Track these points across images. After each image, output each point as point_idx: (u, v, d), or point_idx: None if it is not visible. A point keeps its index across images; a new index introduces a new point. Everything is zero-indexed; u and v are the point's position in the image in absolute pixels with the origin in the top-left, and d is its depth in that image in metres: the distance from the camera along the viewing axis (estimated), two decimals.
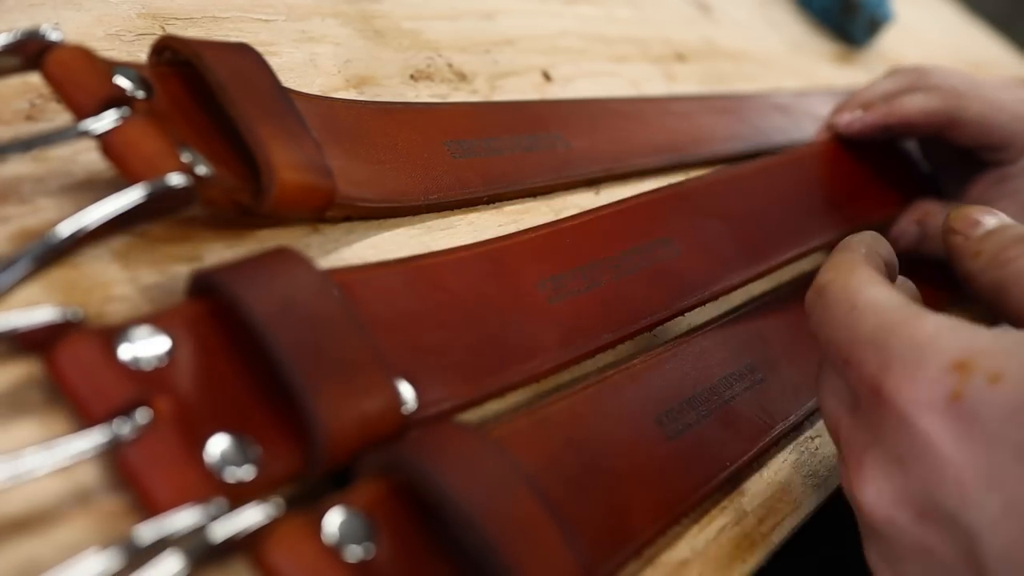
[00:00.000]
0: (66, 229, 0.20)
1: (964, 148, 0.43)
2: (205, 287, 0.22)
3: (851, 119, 0.43)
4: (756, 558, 0.28)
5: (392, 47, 0.37)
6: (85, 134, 0.22)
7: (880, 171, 0.45)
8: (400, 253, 0.29)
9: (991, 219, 0.29)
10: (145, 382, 0.19)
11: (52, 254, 0.20)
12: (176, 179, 0.22)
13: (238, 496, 0.19)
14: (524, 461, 0.23)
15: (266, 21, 0.34)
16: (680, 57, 0.53)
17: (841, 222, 0.40)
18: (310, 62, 0.33)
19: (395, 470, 0.20)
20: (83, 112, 0.22)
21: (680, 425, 0.28)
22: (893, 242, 0.35)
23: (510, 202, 0.34)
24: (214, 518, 0.18)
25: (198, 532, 0.18)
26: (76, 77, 0.22)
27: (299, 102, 0.27)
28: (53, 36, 0.23)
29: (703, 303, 0.32)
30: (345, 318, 0.22)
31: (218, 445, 0.20)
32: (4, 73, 0.23)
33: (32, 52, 0.22)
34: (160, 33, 0.30)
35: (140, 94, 0.24)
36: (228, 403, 0.20)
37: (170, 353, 0.20)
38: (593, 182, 0.37)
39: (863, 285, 0.25)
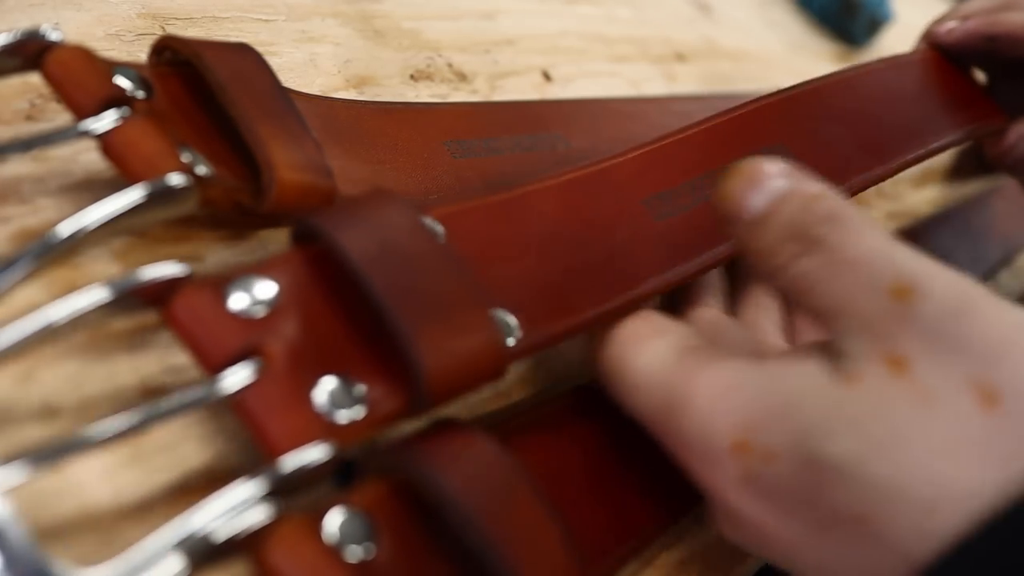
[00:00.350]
0: (66, 229, 0.20)
1: None
2: (307, 233, 0.22)
3: (952, 26, 0.41)
4: (756, 558, 0.28)
5: (392, 47, 0.37)
6: (85, 134, 0.22)
7: (978, 85, 0.44)
8: None
9: (759, 197, 0.23)
10: (256, 329, 0.20)
11: (52, 254, 0.20)
12: (176, 179, 0.22)
13: (348, 437, 0.20)
14: (525, 461, 0.23)
15: (266, 21, 0.34)
16: (680, 57, 0.53)
17: (957, 125, 0.39)
18: (310, 62, 0.33)
19: (396, 470, 0.20)
20: (83, 112, 0.22)
21: None
22: (1005, 153, 0.37)
23: None
24: (324, 462, 0.19)
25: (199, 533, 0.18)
26: (76, 77, 0.22)
27: (299, 102, 0.27)
28: (53, 36, 0.23)
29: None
30: (443, 255, 0.22)
31: (326, 388, 0.20)
32: (4, 73, 0.23)
33: (32, 52, 0.22)
34: (160, 33, 0.30)
35: (140, 94, 0.24)
36: (334, 346, 0.21)
37: (277, 300, 0.21)
38: None
39: (625, 349, 0.23)
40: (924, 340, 0.20)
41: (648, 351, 0.23)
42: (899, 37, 0.79)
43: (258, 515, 0.18)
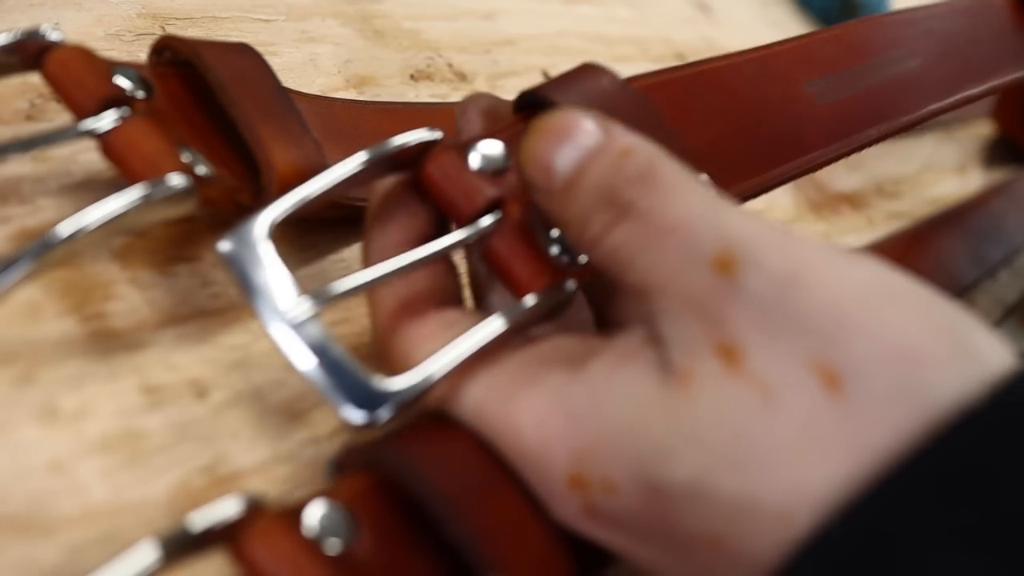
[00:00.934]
0: (66, 229, 0.20)
1: None
2: (529, 102, 0.25)
3: None
4: None
5: (392, 47, 0.37)
6: (85, 134, 0.22)
7: None
8: None
9: (564, 156, 0.20)
10: (497, 184, 0.23)
11: (52, 254, 0.20)
12: (176, 179, 0.22)
13: (576, 275, 0.22)
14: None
15: (266, 21, 0.34)
16: (680, 57, 0.53)
17: None
18: (310, 62, 0.33)
19: (377, 464, 0.20)
20: (83, 112, 0.22)
21: None
22: None
23: None
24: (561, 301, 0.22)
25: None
26: (76, 77, 0.22)
27: (299, 102, 0.27)
28: (53, 36, 0.23)
29: (955, 106, 0.35)
30: (654, 119, 0.25)
31: (554, 239, 0.22)
32: (4, 73, 0.23)
33: (32, 52, 0.22)
34: (160, 33, 0.30)
35: (140, 94, 0.24)
36: None
37: (507, 159, 0.23)
38: None
39: (452, 389, 0.20)
40: (755, 320, 0.17)
41: (469, 382, 0.20)
42: None
43: (236, 507, 0.18)
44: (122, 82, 0.23)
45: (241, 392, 0.23)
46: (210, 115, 0.25)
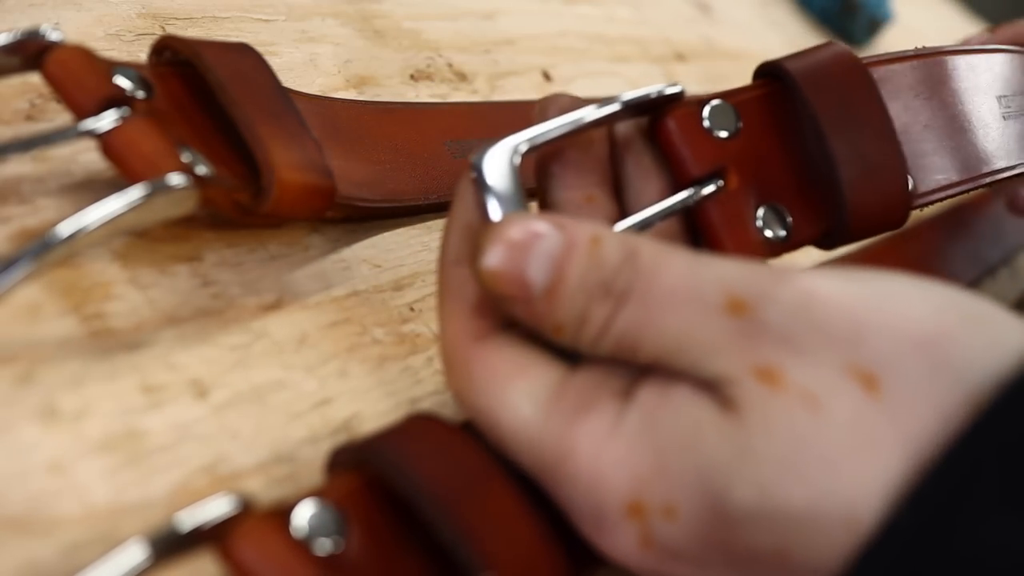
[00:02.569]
0: (66, 229, 0.20)
1: None
2: (768, 72, 0.26)
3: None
4: None
5: (392, 47, 0.37)
6: (85, 134, 0.22)
7: None
8: (400, 253, 0.29)
9: (536, 267, 0.19)
10: (723, 151, 0.24)
11: (52, 254, 0.20)
12: (176, 179, 0.22)
13: (774, 253, 0.25)
14: (501, 455, 0.23)
15: (266, 21, 0.34)
16: (680, 57, 0.53)
17: None
18: (310, 62, 0.33)
19: (367, 463, 0.20)
20: (83, 112, 0.22)
21: None
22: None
23: None
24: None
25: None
26: (76, 77, 0.22)
27: (299, 102, 0.27)
28: (53, 36, 0.23)
29: None
30: (881, 106, 0.26)
31: (762, 215, 0.25)
32: (4, 73, 0.23)
33: (32, 52, 0.22)
34: (160, 33, 0.30)
35: (140, 94, 0.24)
36: (773, 179, 0.25)
37: (738, 129, 0.25)
38: None
39: (493, 403, 0.20)
40: (784, 342, 0.18)
41: (512, 400, 0.20)
42: (899, 37, 0.79)
43: (225, 506, 0.18)
44: (122, 82, 0.23)
45: (241, 392, 0.23)
46: (210, 115, 0.25)
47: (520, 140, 0.22)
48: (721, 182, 0.24)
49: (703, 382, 0.19)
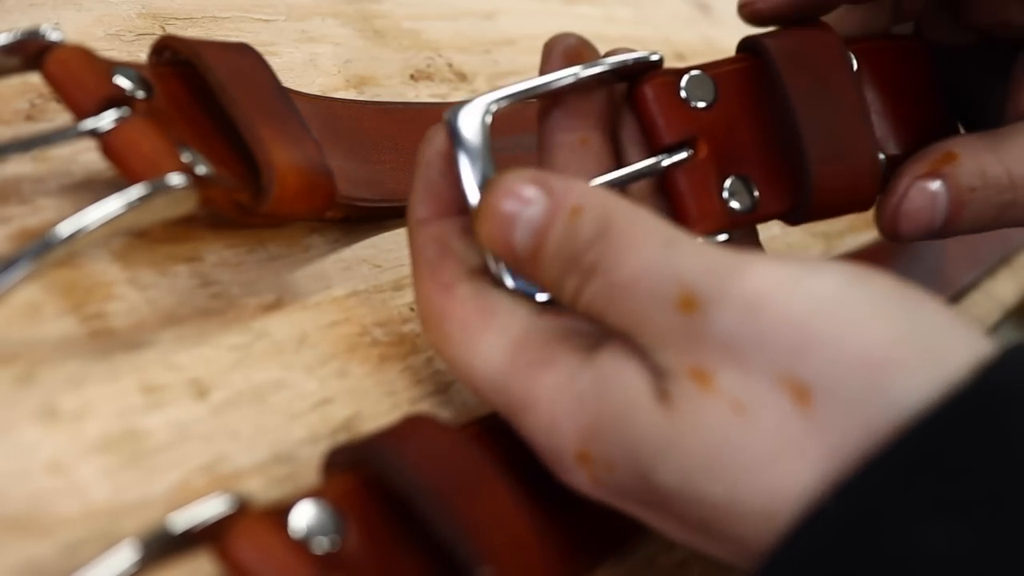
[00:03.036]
0: (66, 229, 0.20)
1: (981, 7, 0.29)
2: (749, 47, 0.27)
3: None
4: None
5: (392, 47, 0.37)
6: (85, 134, 0.22)
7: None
8: (400, 253, 0.29)
9: (520, 233, 0.21)
10: (696, 120, 0.25)
11: (52, 254, 0.20)
12: (176, 179, 0.22)
13: (737, 223, 0.26)
14: (498, 455, 0.23)
15: (266, 21, 0.34)
16: (680, 57, 0.53)
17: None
18: (310, 62, 0.33)
19: (365, 462, 0.20)
20: (83, 112, 0.22)
21: None
22: (891, 222, 0.27)
23: None
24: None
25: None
26: (76, 77, 0.22)
27: (299, 102, 0.27)
28: (53, 36, 0.23)
29: None
30: (854, 86, 0.26)
31: (728, 186, 0.25)
32: (4, 73, 0.23)
33: (32, 52, 0.22)
34: (160, 33, 0.30)
35: (140, 94, 0.24)
36: (743, 151, 0.26)
37: (715, 98, 0.26)
38: None
39: (464, 354, 0.22)
40: (723, 349, 0.19)
41: (481, 351, 0.22)
42: None
43: (220, 506, 0.18)
44: (122, 82, 0.23)
45: (241, 392, 0.23)
46: (210, 115, 0.25)
47: (494, 98, 0.23)
48: (691, 151, 0.25)
49: (652, 366, 0.20)
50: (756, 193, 0.26)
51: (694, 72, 0.25)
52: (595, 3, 0.52)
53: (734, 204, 0.26)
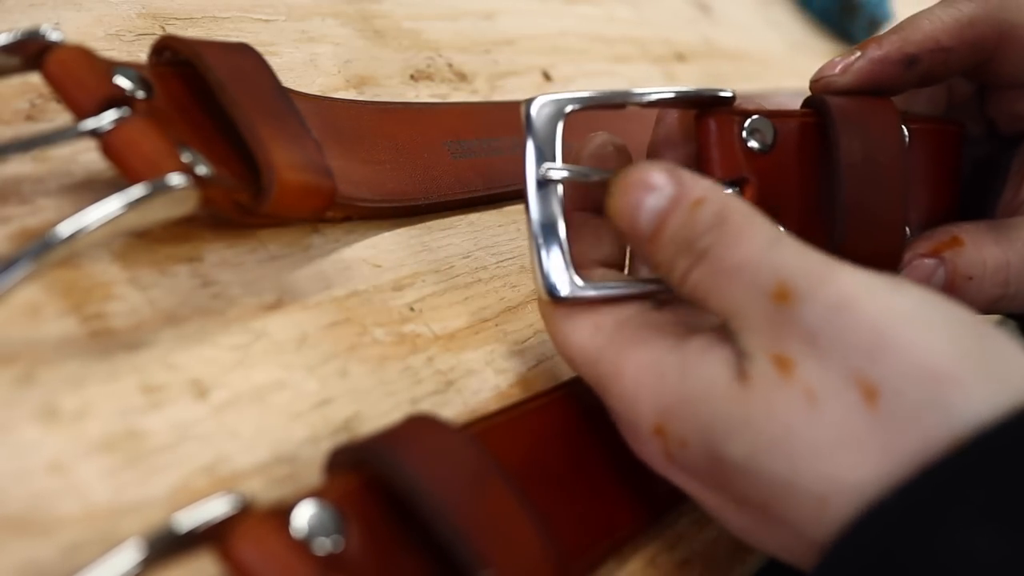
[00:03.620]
0: (66, 229, 0.20)
1: (1003, 97, 0.30)
2: (814, 104, 0.28)
3: (849, 60, 0.29)
4: (756, 558, 0.28)
5: (392, 47, 0.37)
6: (85, 134, 0.22)
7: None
8: (400, 253, 0.29)
9: (645, 216, 0.23)
10: (751, 164, 0.26)
11: (52, 254, 0.20)
12: (176, 179, 0.22)
13: None
14: (500, 456, 0.23)
15: (266, 21, 0.34)
16: (680, 57, 0.53)
17: None
18: (310, 62, 0.33)
19: (367, 463, 0.20)
20: (83, 112, 0.22)
21: None
22: None
23: (510, 202, 0.34)
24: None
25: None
26: (76, 77, 0.22)
27: (299, 102, 0.27)
28: (53, 36, 0.23)
29: None
30: (902, 163, 0.27)
31: None
32: (4, 73, 0.23)
33: (32, 52, 0.22)
34: (160, 33, 0.30)
35: (140, 94, 0.24)
36: (781, 202, 0.27)
37: (774, 142, 0.27)
38: None
39: (561, 329, 0.24)
40: (807, 341, 0.20)
41: (583, 324, 0.24)
42: None
43: (224, 506, 0.18)
44: (122, 82, 0.23)
45: (241, 392, 0.23)
46: (210, 115, 0.25)
47: (572, 97, 0.25)
48: (738, 189, 0.26)
49: (738, 351, 0.22)
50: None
51: (758, 116, 0.27)
52: (595, 3, 0.52)
53: None
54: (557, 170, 0.24)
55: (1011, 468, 0.18)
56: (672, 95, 0.26)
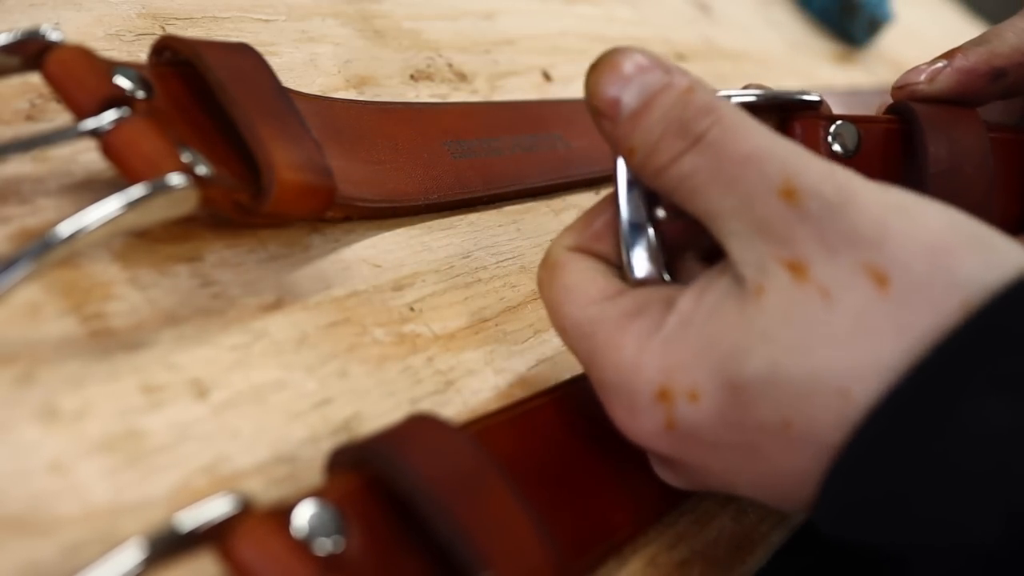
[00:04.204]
0: (66, 229, 0.20)
1: None
2: (899, 112, 0.28)
3: (937, 66, 0.30)
4: (756, 558, 0.28)
5: (392, 47, 0.37)
6: (85, 134, 0.22)
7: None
8: (400, 253, 0.29)
9: (631, 92, 0.22)
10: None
11: (52, 254, 0.20)
12: (176, 179, 0.22)
13: None
14: (501, 455, 0.23)
15: (266, 21, 0.34)
16: (680, 57, 0.53)
17: None
18: (310, 62, 0.33)
19: (367, 463, 0.20)
20: (83, 112, 0.22)
21: None
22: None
23: (510, 202, 0.34)
24: None
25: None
26: (76, 77, 0.22)
27: (299, 102, 0.27)
28: (53, 36, 0.23)
29: None
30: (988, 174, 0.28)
31: None
32: (4, 73, 0.23)
33: (32, 52, 0.22)
34: (160, 33, 0.30)
35: (140, 94, 0.24)
36: None
37: (858, 146, 0.27)
38: (593, 182, 0.37)
39: (556, 298, 0.24)
40: (817, 239, 0.20)
41: (575, 295, 0.24)
42: (899, 37, 0.79)
43: (226, 506, 0.18)
44: (122, 82, 0.23)
45: (241, 392, 0.23)
46: (210, 115, 0.25)
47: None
48: None
49: (735, 264, 0.21)
50: None
51: (844, 121, 0.27)
52: (595, 3, 0.52)
53: None
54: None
55: (1019, 330, 0.19)
56: (754, 98, 0.26)
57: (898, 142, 0.28)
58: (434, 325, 0.28)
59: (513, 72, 0.41)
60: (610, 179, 0.37)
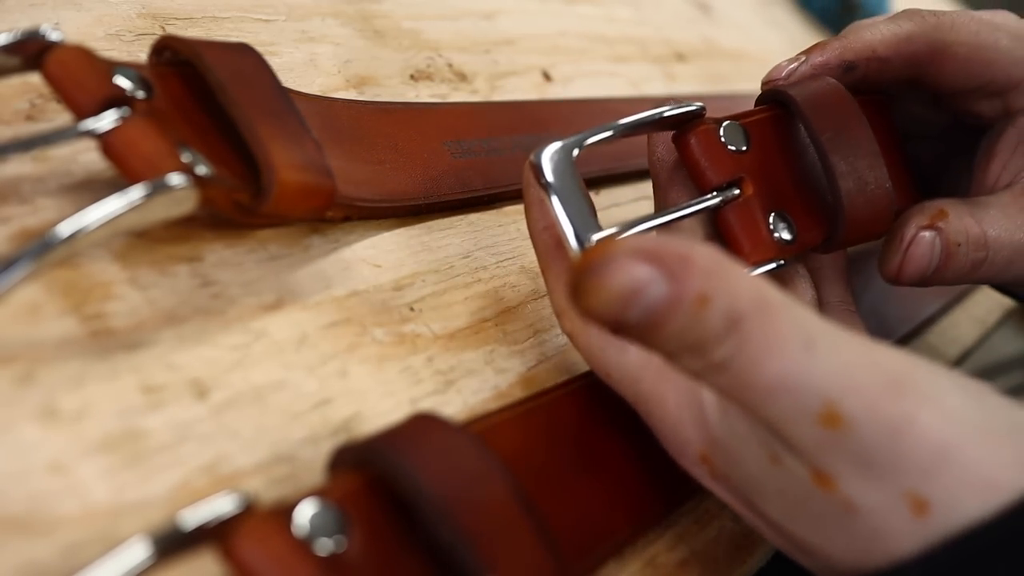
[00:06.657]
0: (66, 229, 0.20)
1: (953, 99, 0.32)
2: (771, 98, 0.30)
3: (793, 65, 0.31)
4: (756, 558, 0.28)
5: (392, 47, 0.37)
6: (85, 134, 0.22)
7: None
8: (400, 253, 0.29)
9: (635, 314, 0.18)
10: (740, 163, 0.27)
11: (52, 254, 0.20)
12: (176, 179, 0.22)
13: (787, 253, 0.28)
14: (502, 455, 0.23)
15: (266, 21, 0.34)
16: (680, 57, 0.53)
17: None
18: (310, 62, 0.33)
19: (369, 463, 0.20)
20: (83, 112, 0.22)
21: None
22: (898, 265, 0.29)
23: (510, 202, 0.34)
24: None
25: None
26: (76, 77, 0.22)
27: (299, 102, 0.27)
28: (53, 36, 0.23)
29: None
30: (869, 130, 0.29)
31: (777, 221, 0.28)
32: (4, 73, 0.23)
33: (32, 52, 0.22)
34: (160, 33, 0.30)
35: (140, 94, 0.24)
36: (778, 191, 0.28)
37: (748, 142, 0.28)
38: (593, 182, 0.37)
39: (595, 343, 0.25)
40: (857, 463, 0.19)
41: (619, 344, 0.24)
42: None
43: (229, 504, 0.18)
44: (122, 82, 0.23)
45: (241, 392, 0.23)
46: (210, 115, 0.25)
47: (573, 142, 0.25)
48: (738, 190, 0.27)
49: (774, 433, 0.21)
50: (795, 226, 0.28)
51: (728, 122, 0.28)
52: (595, 3, 0.52)
53: (784, 235, 0.28)
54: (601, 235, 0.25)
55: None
56: (649, 119, 0.27)
57: (781, 127, 0.29)
58: (434, 325, 0.28)
59: (513, 72, 0.41)
60: (610, 179, 0.37)
